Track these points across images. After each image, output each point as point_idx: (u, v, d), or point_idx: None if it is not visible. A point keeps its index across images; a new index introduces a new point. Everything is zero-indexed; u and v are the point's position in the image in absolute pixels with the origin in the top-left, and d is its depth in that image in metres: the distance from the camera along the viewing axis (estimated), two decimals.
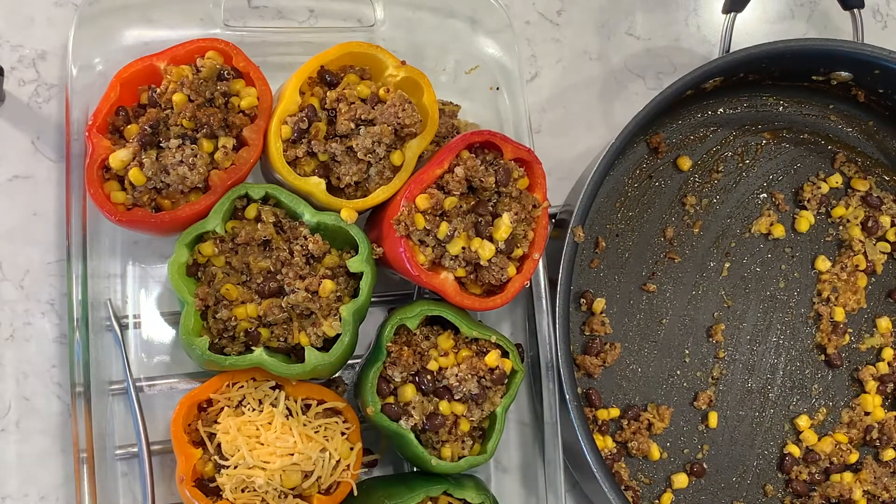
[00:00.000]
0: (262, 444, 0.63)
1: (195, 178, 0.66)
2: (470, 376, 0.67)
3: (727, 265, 0.85)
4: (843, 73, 0.84)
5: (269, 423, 0.64)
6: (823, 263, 0.86)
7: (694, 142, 0.86)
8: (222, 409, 0.66)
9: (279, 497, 0.64)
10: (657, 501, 0.81)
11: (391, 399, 0.67)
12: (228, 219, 0.68)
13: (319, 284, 0.66)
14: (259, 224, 0.68)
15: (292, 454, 0.63)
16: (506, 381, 0.69)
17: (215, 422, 0.66)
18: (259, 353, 0.65)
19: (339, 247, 0.69)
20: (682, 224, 0.85)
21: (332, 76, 0.70)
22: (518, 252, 0.69)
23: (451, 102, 0.76)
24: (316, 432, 0.66)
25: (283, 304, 0.66)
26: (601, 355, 0.80)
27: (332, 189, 0.69)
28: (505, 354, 0.69)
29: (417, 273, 0.67)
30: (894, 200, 0.88)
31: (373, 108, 0.68)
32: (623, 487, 0.79)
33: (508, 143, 0.69)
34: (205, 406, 0.68)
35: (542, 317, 0.74)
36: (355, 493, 0.67)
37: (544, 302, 0.74)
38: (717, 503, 0.82)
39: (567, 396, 0.71)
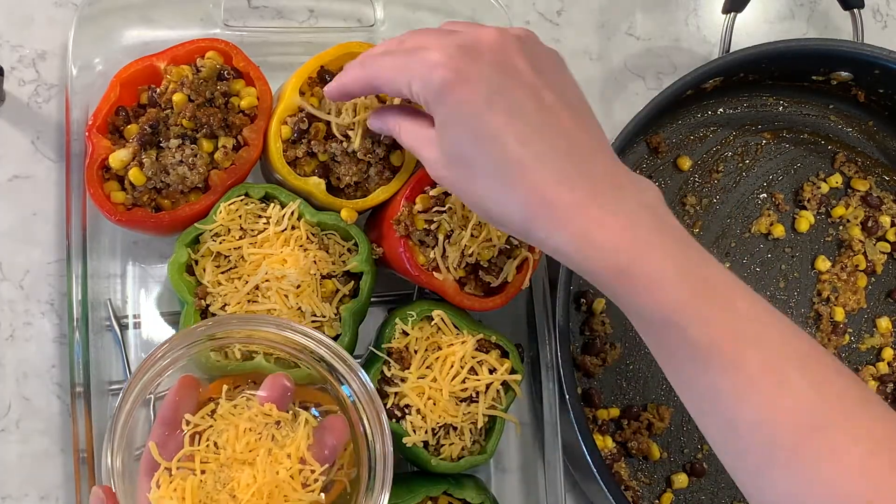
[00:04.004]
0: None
1: (195, 178, 0.66)
2: None
3: (727, 265, 0.85)
4: (843, 73, 0.84)
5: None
6: (823, 263, 0.86)
7: (694, 142, 0.86)
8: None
9: None
10: (657, 501, 0.81)
11: (391, 399, 0.67)
12: None
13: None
14: None
15: None
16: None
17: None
18: (259, 359, 0.65)
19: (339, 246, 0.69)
20: (682, 224, 0.84)
21: (332, 76, 0.70)
22: (518, 252, 0.69)
23: None
24: None
25: None
26: (601, 355, 0.80)
27: (332, 189, 0.69)
28: (505, 354, 0.69)
29: (417, 273, 0.67)
30: (894, 200, 0.88)
31: None
32: (623, 487, 0.79)
33: None
34: None
35: (542, 317, 0.74)
36: None
37: (544, 302, 0.74)
38: (717, 503, 0.82)
39: (567, 396, 0.71)
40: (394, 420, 0.67)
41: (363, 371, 0.61)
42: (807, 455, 0.49)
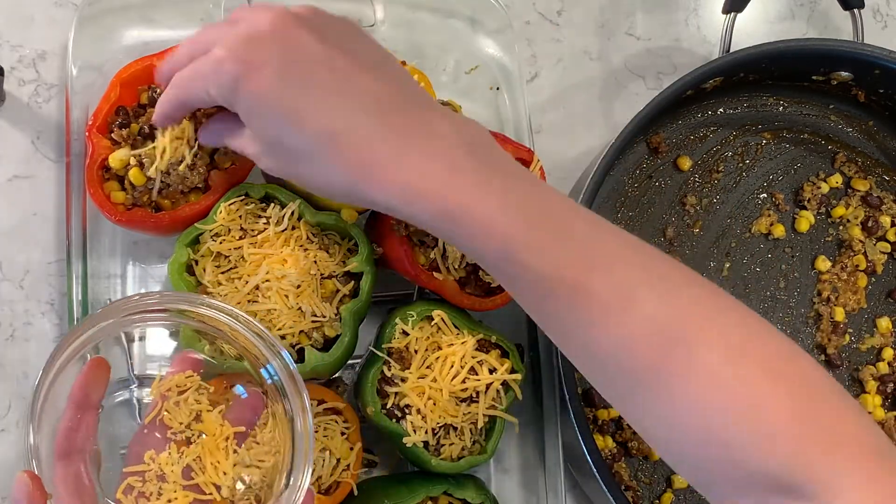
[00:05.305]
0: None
1: (195, 178, 0.66)
2: None
3: (727, 265, 0.85)
4: (843, 73, 0.84)
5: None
6: (823, 263, 0.86)
7: (694, 142, 0.86)
8: None
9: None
10: (657, 501, 0.81)
11: (391, 399, 0.67)
12: None
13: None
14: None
15: None
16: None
17: None
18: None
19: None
20: (682, 224, 0.85)
21: None
22: None
23: (451, 102, 0.76)
24: (315, 432, 0.66)
25: None
26: None
27: None
28: (505, 354, 0.69)
29: (417, 273, 0.67)
30: (894, 200, 0.88)
31: None
32: (623, 487, 0.79)
33: (508, 144, 0.69)
34: None
35: None
36: (355, 492, 0.68)
37: None
38: None
39: (567, 396, 0.71)
40: (394, 420, 0.67)
41: (284, 350, 0.61)
42: (666, 372, 0.48)
